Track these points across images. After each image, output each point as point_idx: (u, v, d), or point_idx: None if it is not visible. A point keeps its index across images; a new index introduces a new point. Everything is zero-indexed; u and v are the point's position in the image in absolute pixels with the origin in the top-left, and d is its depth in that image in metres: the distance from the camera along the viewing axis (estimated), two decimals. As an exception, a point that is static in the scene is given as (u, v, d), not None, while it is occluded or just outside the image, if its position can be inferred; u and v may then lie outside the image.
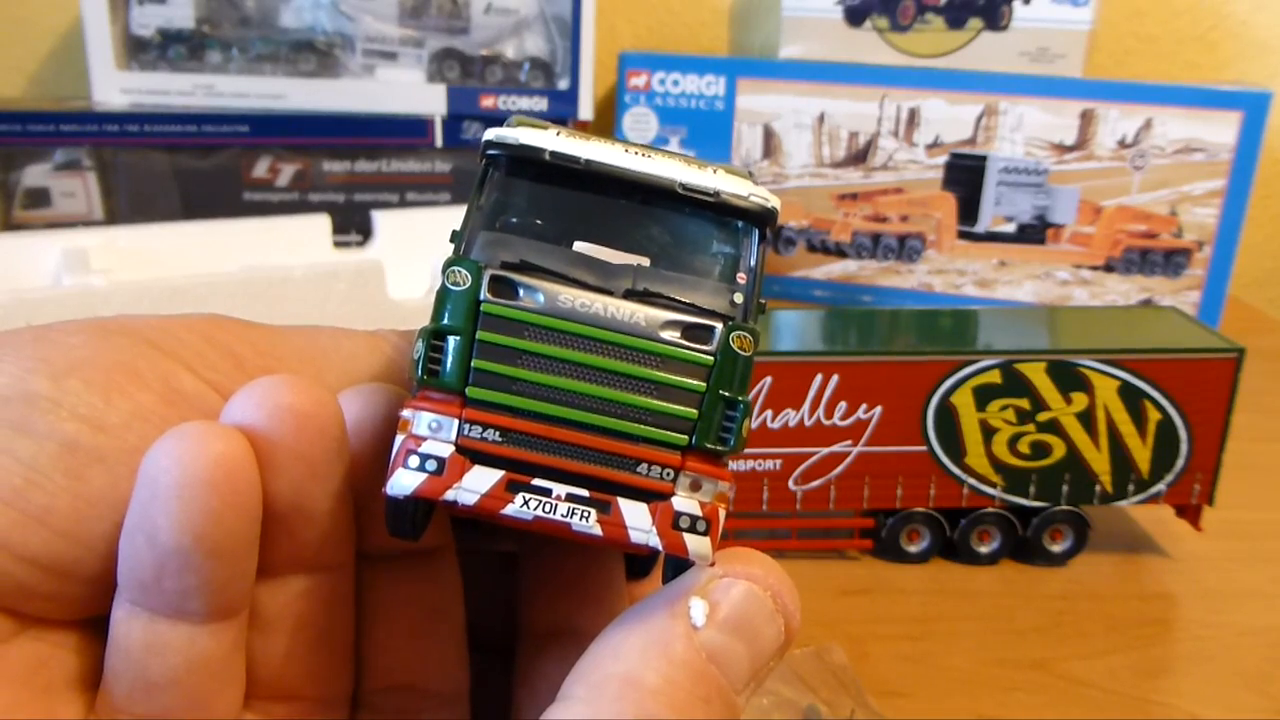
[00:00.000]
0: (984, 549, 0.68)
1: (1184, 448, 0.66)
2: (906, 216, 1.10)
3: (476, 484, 0.22)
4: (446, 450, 0.22)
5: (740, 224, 0.25)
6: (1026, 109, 1.04)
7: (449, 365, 0.22)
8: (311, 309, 0.73)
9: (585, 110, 1.10)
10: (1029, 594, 0.66)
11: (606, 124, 1.25)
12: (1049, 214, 1.06)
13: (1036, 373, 0.65)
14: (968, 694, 0.57)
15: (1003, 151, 1.06)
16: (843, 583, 0.66)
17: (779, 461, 0.66)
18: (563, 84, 1.10)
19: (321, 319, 0.36)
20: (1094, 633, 0.63)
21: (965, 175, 1.07)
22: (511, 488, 0.22)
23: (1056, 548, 0.68)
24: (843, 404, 0.65)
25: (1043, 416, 0.66)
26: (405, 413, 0.22)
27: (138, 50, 1.04)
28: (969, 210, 1.08)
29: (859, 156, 1.09)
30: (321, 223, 0.86)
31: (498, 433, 0.22)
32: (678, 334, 0.23)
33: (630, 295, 0.23)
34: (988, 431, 0.66)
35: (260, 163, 1.05)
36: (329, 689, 0.27)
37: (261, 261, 0.75)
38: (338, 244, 0.89)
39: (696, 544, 0.23)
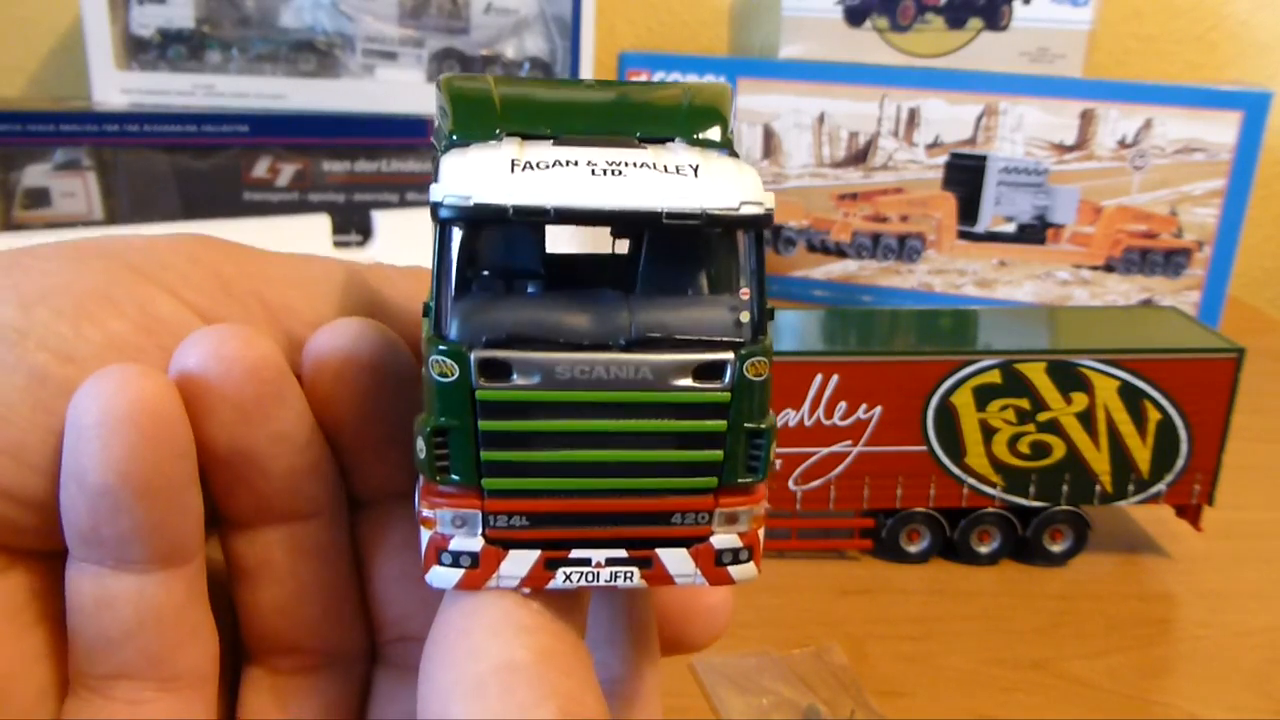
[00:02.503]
0: (984, 549, 0.68)
1: (1184, 448, 0.66)
2: (906, 216, 1.10)
3: (515, 569, 0.22)
4: (477, 544, 0.22)
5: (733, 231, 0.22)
6: (1026, 109, 1.04)
7: (458, 461, 0.21)
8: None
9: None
10: (1029, 594, 0.66)
11: (606, 124, 1.25)
12: (1049, 214, 1.06)
13: (1036, 373, 0.65)
14: (967, 694, 0.57)
15: (1003, 151, 1.06)
16: (843, 583, 0.66)
17: (779, 461, 0.66)
18: (563, 84, 1.10)
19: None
20: (1094, 633, 0.63)
21: (965, 175, 1.07)
22: (550, 565, 0.22)
23: (1056, 548, 0.68)
24: (843, 404, 0.65)
25: (1043, 416, 0.66)
26: (426, 511, 0.22)
27: (138, 50, 1.04)
28: (969, 210, 1.08)
29: (859, 156, 1.09)
30: (321, 223, 0.86)
31: (524, 518, 0.22)
32: (688, 378, 0.21)
33: (631, 346, 0.21)
34: (988, 431, 0.66)
35: (260, 163, 1.05)
36: (332, 641, 0.27)
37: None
38: (338, 244, 0.89)
39: (741, 572, 0.23)
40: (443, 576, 0.22)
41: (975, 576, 0.68)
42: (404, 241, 0.87)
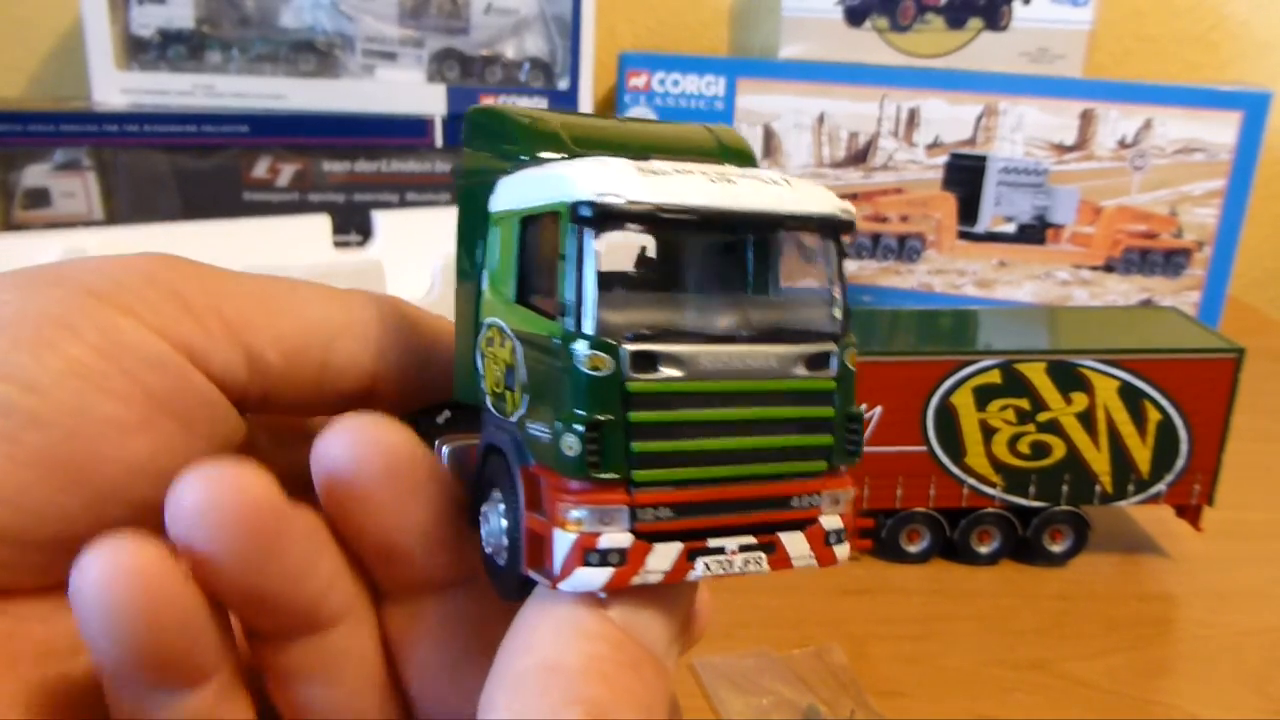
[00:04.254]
0: (984, 549, 0.68)
1: (1184, 448, 0.66)
2: (906, 216, 1.10)
3: (659, 564, 0.22)
4: (626, 540, 0.22)
5: (820, 236, 0.24)
6: (1026, 109, 1.04)
7: (610, 455, 0.22)
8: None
9: (585, 110, 1.10)
10: (1029, 594, 0.66)
11: (606, 124, 1.25)
12: (1049, 214, 1.06)
13: (1036, 373, 0.65)
14: (967, 694, 0.57)
15: (1003, 152, 1.06)
16: (843, 583, 0.66)
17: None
18: (562, 84, 1.10)
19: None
20: (1094, 633, 0.63)
21: (965, 175, 1.07)
22: (690, 556, 0.22)
23: (1056, 548, 0.68)
24: (843, 404, 0.65)
25: (1043, 416, 0.66)
26: (571, 512, 0.22)
27: (138, 50, 1.04)
28: (969, 210, 1.08)
29: (859, 157, 1.09)
30: (321, 223, 0.86)
31: (670, 509, 0.22)
32: (803, 367, 0.23)
33: (755, 338, 0.23)
34: (987, 431, 0.66)
35: (260, 163, 1.05)
36: None
37: (261, 261, 0.75)
38: (338, 244, 0.89)
39: (843, 552, 0.24)
40: (588, 578, 0.22)
41: (975, 577, 0.68)
42: (404, 242, 0.87)
